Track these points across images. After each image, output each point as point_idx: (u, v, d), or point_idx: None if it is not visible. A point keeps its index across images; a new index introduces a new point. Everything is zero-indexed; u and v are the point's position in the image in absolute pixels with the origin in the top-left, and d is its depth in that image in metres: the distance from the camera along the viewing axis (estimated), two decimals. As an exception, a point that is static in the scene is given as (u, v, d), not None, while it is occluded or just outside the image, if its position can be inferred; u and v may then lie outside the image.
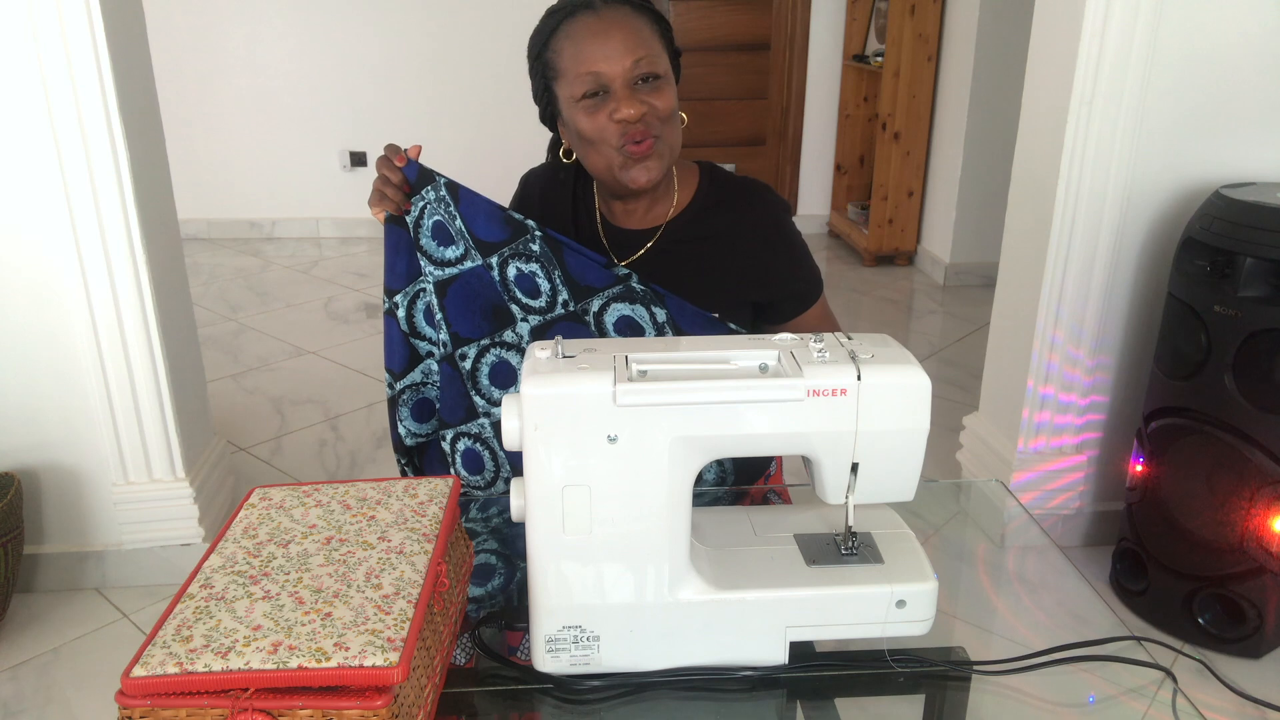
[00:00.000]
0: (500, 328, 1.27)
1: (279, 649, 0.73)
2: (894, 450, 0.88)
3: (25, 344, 1.96)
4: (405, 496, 0.94)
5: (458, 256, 1.26)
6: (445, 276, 1.27)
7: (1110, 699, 0.96)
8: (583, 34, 1.21)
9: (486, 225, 1.25)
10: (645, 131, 1.21)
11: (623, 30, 1.20)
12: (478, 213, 1.25)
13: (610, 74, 1.19)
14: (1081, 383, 2.16)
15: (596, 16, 1.21)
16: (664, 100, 1.22)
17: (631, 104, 1.20)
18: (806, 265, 1.37)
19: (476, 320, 1.27)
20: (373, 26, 4.59)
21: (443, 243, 1.26)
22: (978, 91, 3.93)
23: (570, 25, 1.22)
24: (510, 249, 1.25)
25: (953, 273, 4.25)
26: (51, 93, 1.79)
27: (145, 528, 2.09)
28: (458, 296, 1.27)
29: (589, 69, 1.20)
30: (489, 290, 1.27)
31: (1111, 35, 1.89)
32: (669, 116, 1.24)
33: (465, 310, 1.27)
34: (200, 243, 4.78)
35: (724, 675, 0.92)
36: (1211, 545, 1.86)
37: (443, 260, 1.26)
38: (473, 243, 1.25)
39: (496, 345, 1.28)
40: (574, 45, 1.21)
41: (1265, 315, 1.72)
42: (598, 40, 1.20)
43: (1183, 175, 2.02)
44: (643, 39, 1.21)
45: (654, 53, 1.22)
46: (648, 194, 1.32)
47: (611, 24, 1.20)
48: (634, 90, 1.20)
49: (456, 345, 1.28)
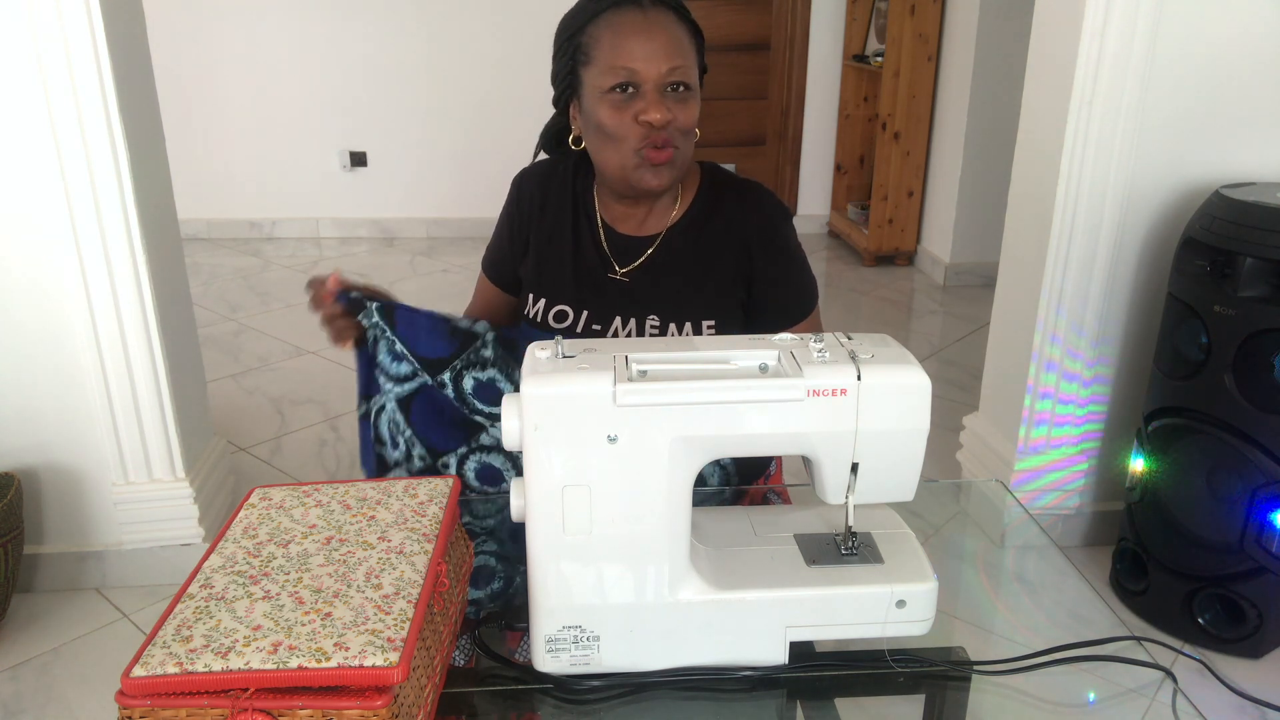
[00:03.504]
0: (473, 435, 1.24)
1: (279, 649, 0.73)
2: (894, 450, 0.88)
3: (25, 344, 1.96)
4: (405, 496, 0.94)
5: (410, 373, 1.22)
6: (405, 393, 1.22)
7: (1110, 699, 0.96)
8: (625, 27, 1.20)
9: (429, 342, 1.20)
10: (667, 139, 1.21)
11: (665, 34, 1.20)
12: (418, 332, 1.20)
13: (645, 74, 1.19)
14: (1081, 383, 2.16)
15: (643, 14, 1.21)
16: (688, 113, 1.23)
17: (660, 108, 1.19)
18: (801, 275, 1.35)
19: (447, 431, 1.24)
20: (373, 26, 4.59)
21: (395, 359, 1.22)
22: (978, 91, 3.93)
23: (614, 15, 1.21)
24: (462, 361, 1.20)
25: (953, 273, 4.25)
26: (51, 93, 1.79)
27: (145, 528, 2.09)
28: (422, 411, 1.23)
29: (625, 64, 1.19)
30: (450, 408, 1.22)
31: (1111, 35, 1.89)
32: (689, 130, 1.24)
33: (434, 423, 1.23)
34: (200, 243, 4.78)
35: (724, 675, 0.92)
36: (1211, 545, 1.86)
37: (399, 376, 1.22)
38: (418, 364, 1.21)
39: (476, 451, 1.24)
40: (614, 36, 1.20)
41: (1265, 315, 1.72)
42: (640, 37, 1.19)
43: (1183, 175, 2.02)
44: (682, 48, 1.21)
45: (689, 64, 1.22)
46: (652, 199, 1.31)
47: (655, 24, 1.20)
48: (664, 96, 1.20)
49: (434, 457, 1.24)
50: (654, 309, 1.31)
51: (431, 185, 4.83)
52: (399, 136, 4.77)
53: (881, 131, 4.34)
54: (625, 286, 1.33)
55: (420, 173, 4.81)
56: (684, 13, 1.25)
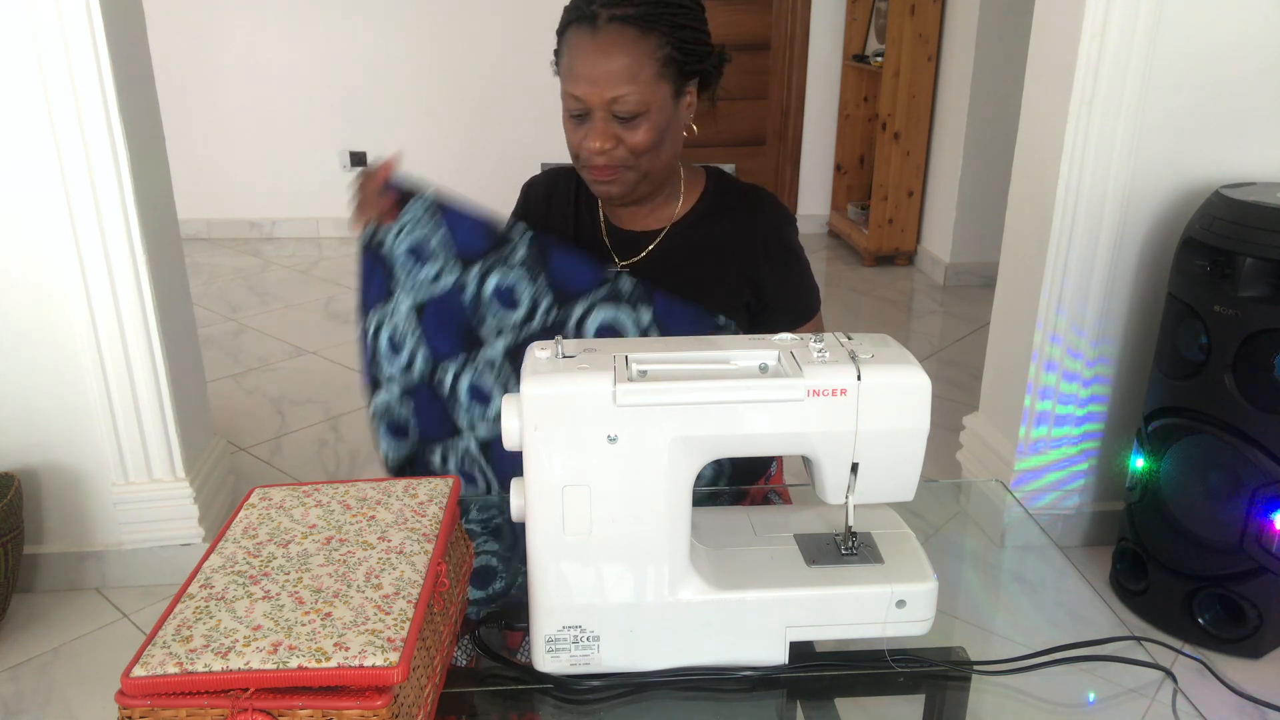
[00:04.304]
0: (474, 347, 1.27)
1: (279, 649, 0.73)
2: (894, 450, 0.88)
3: (25, 344, 1.96)
4: (405, 496, 0.94)
5: (434, 274, 1.25)
6: (423, 298, 1.26)
7: (1110, 699, 0.96)
8: (577, 50, 1.19)
9: (469, 236, 1.24)
10: (606, 166, 1.21)
11: (612, 59, 1.16)
12: (461, 222, 1.24)
13: (590, 100, 1.18)
14: (1081, 382, 2.16)
15: (593, 36, 1.17)
16: (640, 137, 1.20)
17: (601, 137, 1.19)
18: (804, 281, 1.35)
19: (452, 340, 1.27)
20: (373, 26, 4.59)
21: (420, 260, 1.25)
22: (978, 91, 3.93)
23: (573, 33, 1.20)
24: (493, 258, 1.24)
25: (953, 273, 4.25)
26: (51, 93, 1.79)
27: (145, 528, 2.09)
28: (434, 316, 1.26)
29: (572, 89, 1.19)
30: (461, 313, 1.26)
31: (1111, 35, 1.89)
32: (646, 150, 1.21)
33: (441, 329, 1.26)
34: (200, 243, 4.78)
35: (724, 675, 0.92)
36: (1211, 545, 1.86)
37: (417, 282, 1.26)
38: (454, 254, 1.24)
39: (471, 364, 1.27)
40: (570, 56, 1.20)
41: (1265, 315, 1.72)
42: (587, 62, 1.17)
43: (1183, 175, 2.02)
44: (632, 71, 1.16)
45: (639, 87, 1.17)
46: (650, 200, 1.32)
47: (605, 48, 1.17)
48: (609, 123, 1.19)
49: (437, 361, 1.27)
50: None
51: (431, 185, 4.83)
52: (399, 136, 4.76)
53: (881, 131, 4.34)
54: None
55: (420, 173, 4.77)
56: (650, 24, 1.17)
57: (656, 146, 1.22)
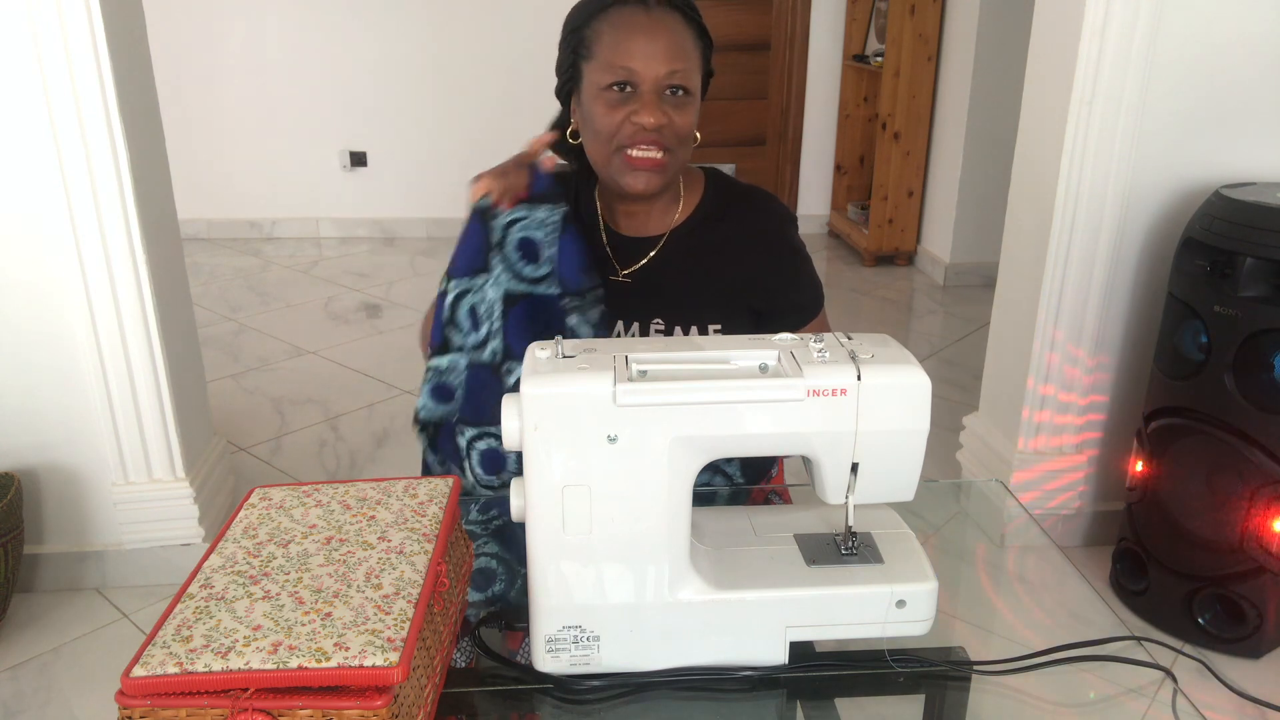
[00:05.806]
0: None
1: (279, 649, 0.73)
2: (894, 450, 0.88)
3: (25, 344, 1.96)
4: (405, 496, 0.94)
5: (540, 276, 1.24)
6: (519, 291, 1.24)
7: (1110, 699, 0.96)
8: (628, 25, 1.19)
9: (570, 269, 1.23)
10: (657, 142, 1.19)
11: (668, 36, 1.18)
12: (572, 253, 1.23)
13: (643, 74, 1.17)
14: (1081, 383, 2.16)
15: (647, 13, 1.19)
16: (685, 118, 1.21)
17: (654, 112, 1.18)
18: (807, 279, 1.35)
19: (528, 342, 1.27)
20: (373, 26, 4.59)
21: (529, 259, 1.24)
22: (978, 91, 3.93)
23: (619, 12, 1.20)
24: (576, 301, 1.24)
25: (953, 273, 4.25)
26: (51, 93, 1.79)
27: (145, 528, 2.09)
28: (522, 314, 1.24)
29: (624, 62, 1.18)
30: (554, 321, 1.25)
31: (1111, 35, 1.89)
32: (685, 136, 1.22)
33: (525, 329, 1.24)
34: (200, 243, 4.78)
35: (724, 675, 0.92)
36: (1211, 545, 1.86)
37: (523, 275, 1.24)
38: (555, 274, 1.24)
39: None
40: (616, 33, 1.19)
41: (1265, 315, 1.72)
42: (642, 37, 1.18)
43: (1183, 175, 2.02)
44: (684, 51, 1.19)
45: (691, 67, 1.20)
46: (650, 200, 1.31)
47: (659, 25, 1.18)
48: (660, 99, 1.19)
49: (506, 358, 1.26)
50: (658, 312, 1.30)
51: (432, 185, 4.83)
52: (399, 136, 4.77)
53: (881, 131, 4.34)
54: (629, 288, 1.32)
55: (420, 173, 4.81)
56: (692, 15, 1.22)
57: (690, 137, 1.23)
